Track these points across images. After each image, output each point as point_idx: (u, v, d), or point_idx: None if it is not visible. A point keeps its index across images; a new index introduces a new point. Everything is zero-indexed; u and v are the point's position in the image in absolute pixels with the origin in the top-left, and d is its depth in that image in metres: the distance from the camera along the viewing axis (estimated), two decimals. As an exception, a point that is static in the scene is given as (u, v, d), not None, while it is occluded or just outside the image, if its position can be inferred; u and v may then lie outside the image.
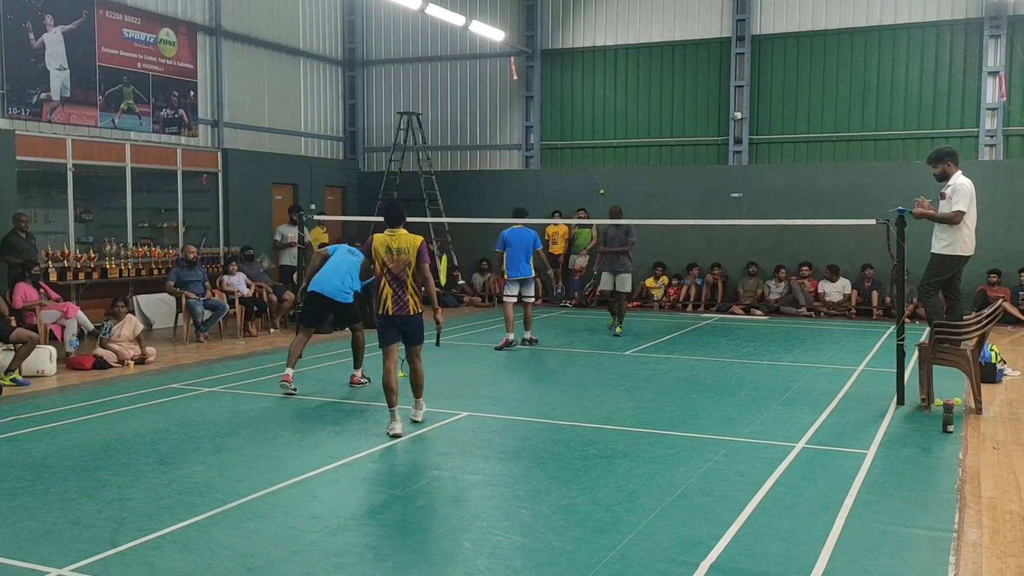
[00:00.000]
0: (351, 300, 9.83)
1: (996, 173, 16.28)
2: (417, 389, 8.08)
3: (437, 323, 8.06)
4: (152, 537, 5.22)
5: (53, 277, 12.97)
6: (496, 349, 12.49)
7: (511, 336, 12.65)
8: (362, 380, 9.93)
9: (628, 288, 14.26)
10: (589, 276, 19.04)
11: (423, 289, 7.84)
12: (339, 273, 9.69)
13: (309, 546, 5.11)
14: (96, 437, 7.65)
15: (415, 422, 7.99)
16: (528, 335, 13.04)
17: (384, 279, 7.72)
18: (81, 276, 13.56)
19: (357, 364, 9.96)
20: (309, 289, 9.79)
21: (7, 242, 12.53)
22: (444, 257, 8.75)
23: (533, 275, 13.01)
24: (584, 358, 11.99)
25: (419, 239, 7.80)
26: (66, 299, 12.88)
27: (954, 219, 8.61)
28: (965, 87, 17.21)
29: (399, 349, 7.87)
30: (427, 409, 8.18)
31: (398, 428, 7.60)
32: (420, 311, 7.87)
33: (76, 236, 14.60)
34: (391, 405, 7.74)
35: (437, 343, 8.28)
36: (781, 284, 17.30)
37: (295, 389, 9.38)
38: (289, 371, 9.40)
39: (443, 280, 8.19)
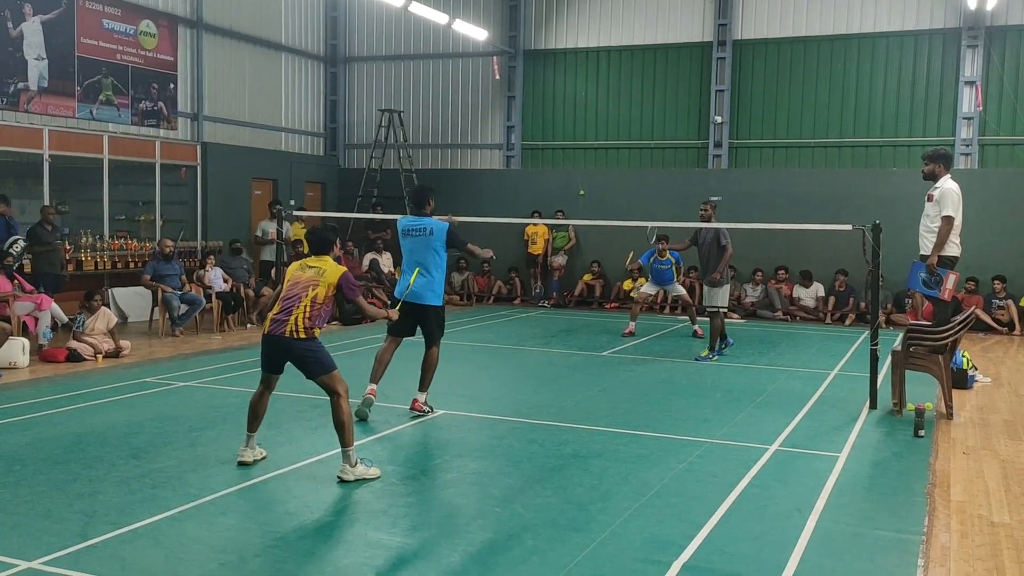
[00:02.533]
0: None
1: (971, 182, 16.39)
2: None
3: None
4: (124, 531, 5.19)
5: (27, 268, 12.85)
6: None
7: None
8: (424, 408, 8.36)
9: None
10: (568, 276, 19.10)
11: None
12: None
13: (282, 541, 5.10)
14: (68, 430, 7.59)
15: (343, 481, 6.22)
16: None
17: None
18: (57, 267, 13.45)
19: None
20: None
21: (33, 233, 12.63)
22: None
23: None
24: (561, 358, 12.02)
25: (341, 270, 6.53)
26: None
27: (946, 227, 8.72)
28: (942, 96, 17.39)
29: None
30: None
31: (248, 456, 6.57)
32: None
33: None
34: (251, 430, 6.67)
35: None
36: (758, 288, 17.41)
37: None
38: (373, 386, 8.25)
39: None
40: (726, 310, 12.56)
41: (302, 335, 6.29)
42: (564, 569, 4.75)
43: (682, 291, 15.14)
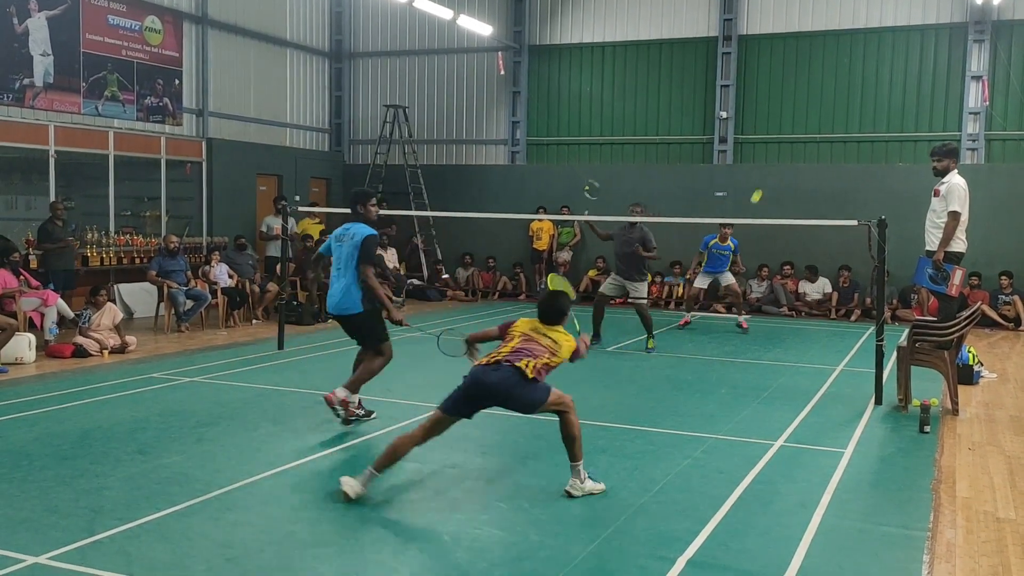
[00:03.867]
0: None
1: (977, 177, 16.34)
2: None
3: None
4: (130, 526, 5.20)
5: (34, 264, 12.88)
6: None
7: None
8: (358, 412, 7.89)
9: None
10: (573, 272, 19.07)
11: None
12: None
13: (288, 537, 5.11)
14: (75, 425, 7.61)
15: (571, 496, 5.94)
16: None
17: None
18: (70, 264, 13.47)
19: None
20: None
21: (44, 230, 12.75)
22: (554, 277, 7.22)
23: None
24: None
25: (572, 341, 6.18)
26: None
27: (953, 222, 8.70)
28: (948, 91, 17.34)
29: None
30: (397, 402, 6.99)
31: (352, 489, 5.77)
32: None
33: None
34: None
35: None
36: (763, 283, 17.39)
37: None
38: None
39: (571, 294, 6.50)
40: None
41: (530, 375, 5.73)
42: (569, 564, 4.75)
43: (732, 280, 14.59)
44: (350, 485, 5.68)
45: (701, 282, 14.83)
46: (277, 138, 19.71)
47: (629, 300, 12.73)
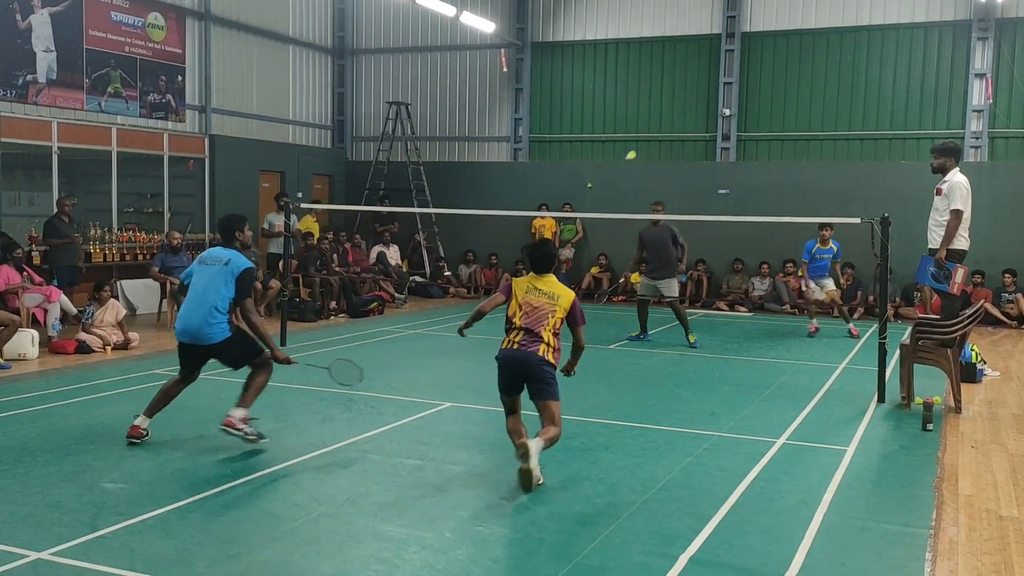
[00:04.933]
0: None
1: (981, 175, 16.35)
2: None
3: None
4: (133, 522, 5.21)
5: (37, 260, 12.90)
6: None
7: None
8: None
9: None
10: (575, 269, 19.07)
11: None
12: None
13: (290, 533, 5.11)
14: (78, 421, 7.63)
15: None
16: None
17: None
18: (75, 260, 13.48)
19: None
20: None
21: (50, 226, 12.77)
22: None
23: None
24: (567, 351, 11.99)
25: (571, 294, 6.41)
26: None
27: (955, 221, 8.69)
28: (952, 88, 17.31)
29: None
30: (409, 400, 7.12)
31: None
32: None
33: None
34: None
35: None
36: (765, 281, 17.38)
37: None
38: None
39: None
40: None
41: (549, 359, 6.24)
42: (571, 562, 4.76)
43: (832, 286, 13.93)
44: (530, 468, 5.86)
45: (819, 294, 14.00)
46: (279, 135, 19.71)
47: (664, 301, 12.88)
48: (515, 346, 6.23)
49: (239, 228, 7.28)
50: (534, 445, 5.90)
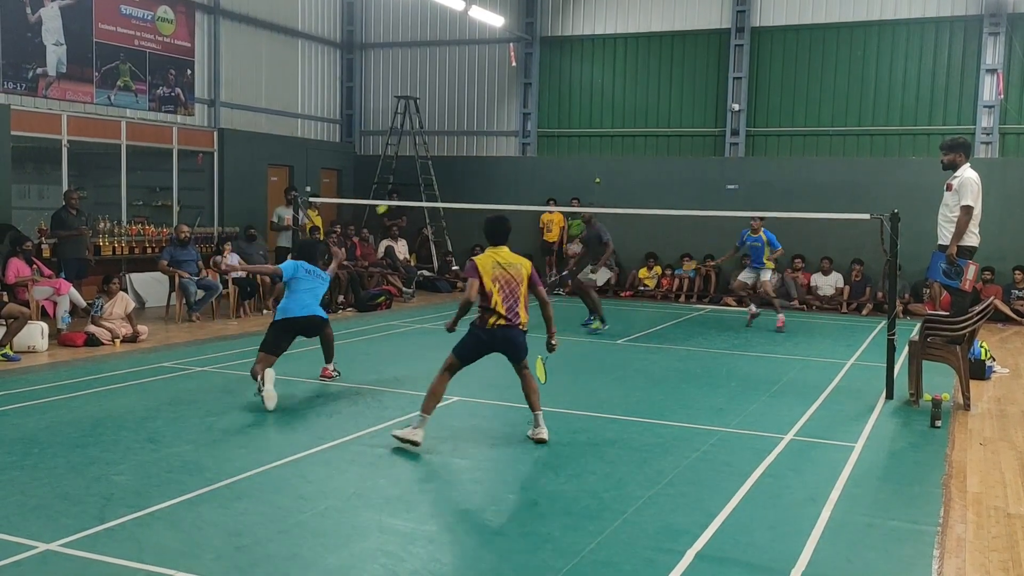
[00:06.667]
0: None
1: (991, 171, 16.27)
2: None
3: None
4: (141, 514, 5.23)
5: (47, 253, 12.94)
6: None
7: None
8: (333, 373, 9.22)
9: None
10: (583, 263, 19.04)
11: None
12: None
13: (297, 526, 5.12)
14: (86, 414, 7.65)
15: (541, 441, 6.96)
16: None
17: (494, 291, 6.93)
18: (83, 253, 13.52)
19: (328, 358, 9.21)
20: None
21: (58, 218, 12.83)
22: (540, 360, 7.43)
23: None
24: (576, 346, 12.01)
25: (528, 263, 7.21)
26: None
27: (965, 217, 8.65)
28: (963, 84, 17.22)
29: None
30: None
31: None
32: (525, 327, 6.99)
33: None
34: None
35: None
36: (774, 276, 17.31)
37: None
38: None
39: (543, 379, 7.32)
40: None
41: (524, 328, 6.99)
42: (577, 556, 4.76)
43: (768, 276, 14.22)
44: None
45: (746, 277, 14.32)
46: (288, 129, 19.72)
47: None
48: (502, 322, 6.83)
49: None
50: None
